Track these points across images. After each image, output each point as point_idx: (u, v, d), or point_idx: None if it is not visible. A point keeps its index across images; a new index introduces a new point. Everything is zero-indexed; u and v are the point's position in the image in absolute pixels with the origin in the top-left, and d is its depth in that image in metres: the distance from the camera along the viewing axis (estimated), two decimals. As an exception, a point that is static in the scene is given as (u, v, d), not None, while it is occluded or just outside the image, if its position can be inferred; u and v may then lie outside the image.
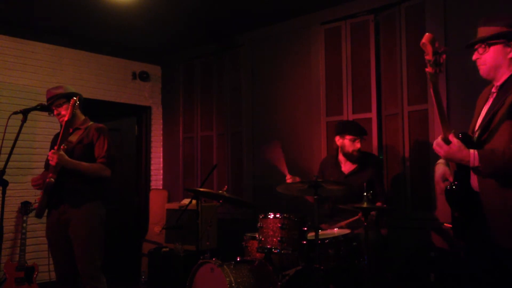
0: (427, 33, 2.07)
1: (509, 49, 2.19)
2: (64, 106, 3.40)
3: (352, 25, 4.71)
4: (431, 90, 2.12)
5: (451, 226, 2.30)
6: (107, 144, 3.42)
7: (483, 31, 2.24)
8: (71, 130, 3.38)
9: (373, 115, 4.52)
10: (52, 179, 3.21)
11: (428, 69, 2.08)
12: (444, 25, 4.01)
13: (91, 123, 3.55)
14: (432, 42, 2.05)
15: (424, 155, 4.13)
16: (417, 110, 4.21)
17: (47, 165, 3.46)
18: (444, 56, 2.06)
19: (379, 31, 4.57)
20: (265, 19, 5.17)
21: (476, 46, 2.26)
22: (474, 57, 2.29)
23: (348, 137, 3.73)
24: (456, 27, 3.93)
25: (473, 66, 2.33)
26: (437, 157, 3.95)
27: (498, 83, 2.24)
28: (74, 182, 3.30)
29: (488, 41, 2.20)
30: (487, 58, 2.22)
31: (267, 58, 5.38)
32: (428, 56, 2.06)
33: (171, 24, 5.29)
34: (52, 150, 3.22)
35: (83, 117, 3.55)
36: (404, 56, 4.30)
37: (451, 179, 2.28)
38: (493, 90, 2.29)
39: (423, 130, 4.16)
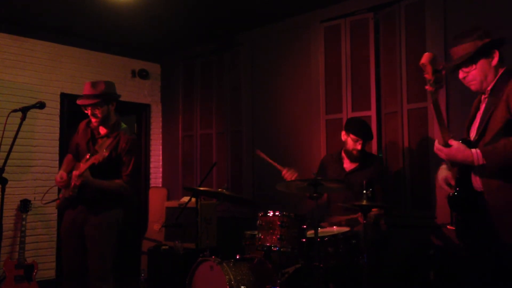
0: (426, 53, 2.14)
1: (491, 58, 2.28)
2: (101, 109, 3.32)
3: (351, 23, 4.71)
4: (432, 106, 2.19)
5: (454, 228, 2.34)
6: (133, 163, 3.36)
7: (458, 50, 2.31)
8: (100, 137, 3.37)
9: (372, 113, 4.52)
10: (75, 194, 3.23)
11: (429, 88, 2.13)
12: (444, 24, 4.00)
13: (122, 129, 3.44)
14: (431, 61, 2.10)
15: (423, 153, 4.13)
16: (416, 108, 4.21)
17: (76, 155, 3.45)
18: (444, 72, 2.11)
19: (378, 29, 4.56)
20: (265, 17, 5.16)
21: (464, 67, 2.32)
22: (461, 76, 2.36)
23: (352, 136, 3.74)
24: (456, 25, 3.93)
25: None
26: (437, 155, 3.96)
27: (488, 88, 2.31)
28: (94, 193, 3.28)
29: (476, 59, 2.28)
30: (475, 74, 2.31)
31: (267, 57, 5.38)
32: (428, 76, 2.12)
33: (170, 23, 5.29)
34: (76, 172, 3.19)
35: (114, 119, 3.42)
36: (403, 54, 4.30)
37: (453, 182, 2.33)
38: (484, 96, 2.36)
39: (422, 128, 4.15)
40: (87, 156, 3.25)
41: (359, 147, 3.72)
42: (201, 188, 3.87)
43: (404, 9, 4.32)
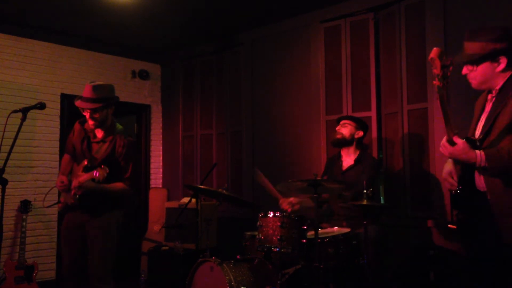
0: (435, 48, 2.14)
1: (496, 64, 2.28)
2: (101, 113, 3.32)
3: (351, 24, 4.70)
4: (438, 102, 2.20)
5: (455, 227, 2.34)
6: (131, 167, 3.38)
7: (469, 47, 2.32)
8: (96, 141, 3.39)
9: (372, 113, 4.51)
10: (77, 202, 3.25)
11: (436, 83, 2.14)
12: (444, 24, 4.00)
13: (117, 131, 3.45)
14: (440, 56, 2.11)
15: (423, 154, 4.13)
16: (416, 108, 4.21)
17: (73, 155, 3.45)
18: (451, 68, 2.12)
19: (379, 30, 4.56)
20: (265, 17, 5.16)
21: (468, 65, 2.35)
22: (463, 72, 2.39)
23: (342, 121, 3.89)
24: (456, 25, 3.93)
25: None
26: (437, 156, 3.94)
27: (497, 87, 2.31)
28: (95, 199, 3.29)
29: (478, 62, 2.29)
30: (476, 75, 2.33)
31: (267, 57, 5.38)
32: (437, 70, 2.13)
33: (170, 23, 5.29)
34: (76, 183, 3.17)
35: (110, 121, 3.45)
36: (404, 55, 4.29)
37: (455, 177, 2.34)
38: (491, 95, 2.36)
39: (422, 128, 4.15)
40: (85, 162, 3.28)
41: (346, 131, 3.80)
42: (201, 187, 3.88)
43: (404, 9, 4.31)
